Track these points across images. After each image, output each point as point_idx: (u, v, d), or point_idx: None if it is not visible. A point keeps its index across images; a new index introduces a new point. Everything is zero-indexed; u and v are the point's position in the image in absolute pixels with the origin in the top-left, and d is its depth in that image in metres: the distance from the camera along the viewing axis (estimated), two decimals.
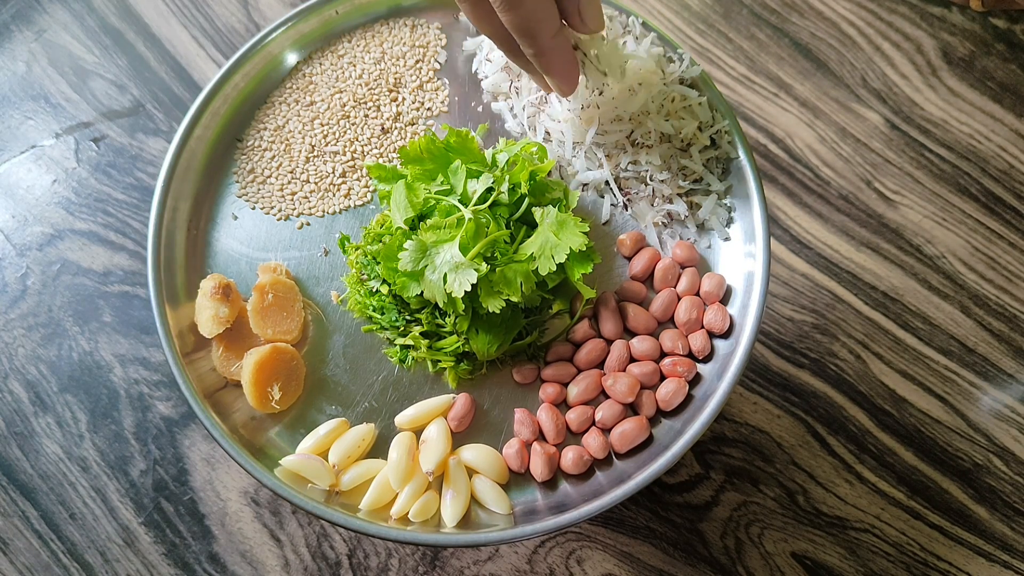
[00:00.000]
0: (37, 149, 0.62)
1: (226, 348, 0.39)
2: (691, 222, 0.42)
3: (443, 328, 0.40)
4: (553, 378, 0.40)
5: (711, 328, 0.39)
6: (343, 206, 0.44)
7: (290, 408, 0.40)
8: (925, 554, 0.52)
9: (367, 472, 0.38)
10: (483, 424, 0.40)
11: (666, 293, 0.40)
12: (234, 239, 0.43)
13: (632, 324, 0.40)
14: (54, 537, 0.52)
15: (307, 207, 0.44)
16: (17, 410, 0.55)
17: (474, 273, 0.36)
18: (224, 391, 0.39)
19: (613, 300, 0.40)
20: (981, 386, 0.56)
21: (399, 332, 0.41)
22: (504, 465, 0.38)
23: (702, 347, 0.38)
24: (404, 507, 0.37)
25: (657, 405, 0.39)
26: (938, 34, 0.65)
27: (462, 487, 0.38)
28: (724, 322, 0.38)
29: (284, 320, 0.40)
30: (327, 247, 0.43)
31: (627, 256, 0.42)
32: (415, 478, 0.37)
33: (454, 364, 0.40)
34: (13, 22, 0.66)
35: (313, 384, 0.40)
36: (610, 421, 0.38)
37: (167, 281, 0.41)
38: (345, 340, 0.41)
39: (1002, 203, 0.60)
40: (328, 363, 0.41)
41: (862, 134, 0.62)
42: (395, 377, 0.40)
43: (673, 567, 0.52)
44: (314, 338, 0.41)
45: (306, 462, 0.38)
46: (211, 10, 0.66)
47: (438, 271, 0.37)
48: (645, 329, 0.40)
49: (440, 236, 0.37)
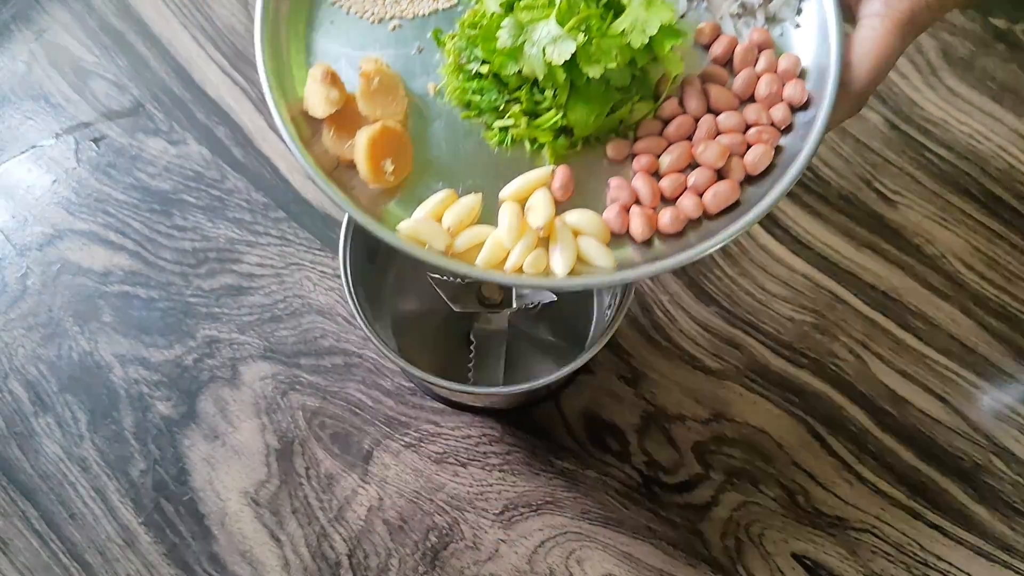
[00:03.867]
0: (37, 149, 0.62)
1: (337, 129, 0.41)
2: (761, 13, 0.43)
3: (541, 104, 0.41)
4: (645, 150, 0.41)
5: (791, 101, 0.40)
6: (432, 8, 0.46)
7: (401, 184, 0.41)
8: (925, 554, 0.52)
9: (479, 235, 0.40)
10: (579, 199, 0.41)
11: (746, 72, 0.42)
12: (333, 41, 0.44)
13: (715, 103, 0.42)
14: (54, 537, 0.52)
15: (398, 10, 0.46)
16: (17, 410, 0.55)
17: (572, 43, 0.38)
18: (337, 171, 0.41)
19: (697, 80, 0.42)
20: (981, 386, 0.56)
21: (498, 114, 0.42)
22: (605, 226, 0.40)
23: (783, 117, 0.40)
24: (517, 261, 0.39)
25: (745, 170, 0.40)
26: (938, 34, 0.65)
27: (569, 242, 0.40)
28: (803, 94, 0.40)
29: (391, 103, 0.42)
30: (421, 45, 0.44)
31: (705, 45, 0.43)
32: (526, 235, 0.39)
33: (552, 139, 0.41)
34: (13, 22, 0.66)
35: (418, 166, 0.42)
36: (703, 185, 0.40)
37: (276, 70, 0.42)
38: (444, 127, 0.43)
39: (1002, 203, 0.60)
40: (431, 148, 0.42)
41: (862, 134, 0.62)
42: (495, 159, 0.42)
43: (673, 567, 0.52)
44: (414, 128, 0.42)
45: (423, 224, 0.39)
46: (211, 10, 0.66)
47: (536, 45, 0.39)
48: (728, 106, 0.42)
49: (535, 15, 0.39)
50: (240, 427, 0.55)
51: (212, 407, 0.55)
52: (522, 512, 0.53)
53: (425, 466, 0.54)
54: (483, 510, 0.53)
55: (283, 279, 0.58)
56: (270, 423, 0.55)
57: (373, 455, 0.54)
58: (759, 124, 0.40)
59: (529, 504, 0.53)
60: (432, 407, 0.55)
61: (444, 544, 0.52)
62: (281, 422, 0.55)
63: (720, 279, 0.58)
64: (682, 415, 0.55)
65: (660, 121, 0.42)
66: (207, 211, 0.60)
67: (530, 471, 0.54)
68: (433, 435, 0.54)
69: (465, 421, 0.55)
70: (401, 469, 0.54)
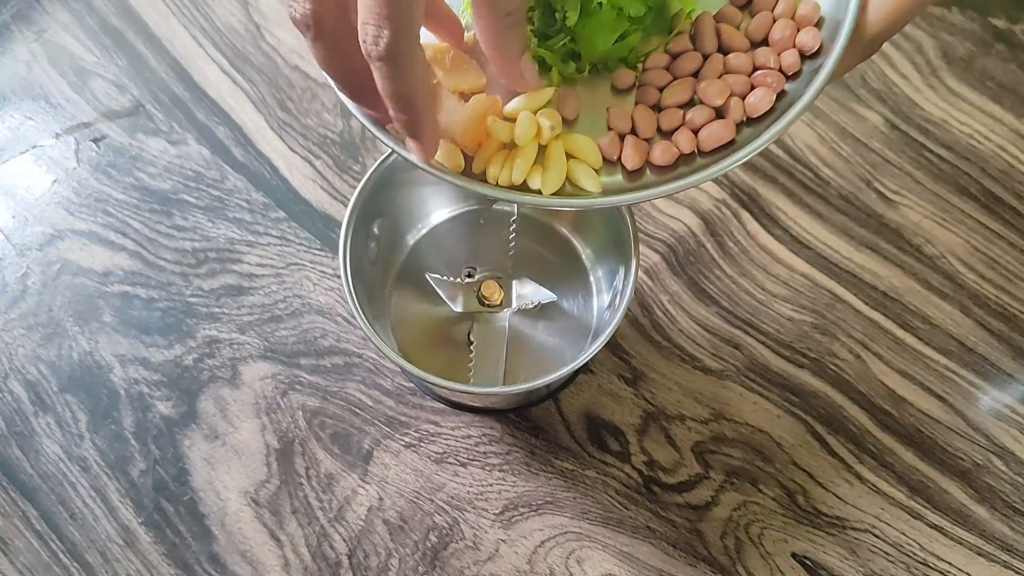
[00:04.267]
0: (37, 149, 0.62)
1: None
2: None
3: (552, 27, 0.41)
4: (649, 82, 0.41)
5: (802, 48, 0.40)
6: None
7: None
8: (925, 554, 0.52)
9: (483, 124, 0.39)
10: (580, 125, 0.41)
11: (763, 15, 0.41)
12: None
13: (726, 43, 0.41)
14: (54, 537, 0.52)
15: None
16: (17, 410, 0.55)
17: None
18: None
19: (711, 20, 0.41)
20: (981, 386, 0.56)
21: None
22: (598, 151, 0.40)
23: (792, 63, 0.40)
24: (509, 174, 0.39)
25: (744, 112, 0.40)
26: (937, 34, 0.65)
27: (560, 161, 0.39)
28: (815, 42, 0.39)
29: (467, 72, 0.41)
30: None
31: None
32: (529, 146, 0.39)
33: (560, 62, 0.41)
34: (13, 22, 0.66)
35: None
36: (700, 122, 0.40)
37: None
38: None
39: (1002, 203, 0.60)
40: None
41: (862, 134, 0.62)
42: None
43: (673, 567, 0.52)
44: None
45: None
46: (211, 10, 0.66)
47: None
48: (739, 47, 0.41)
49: None
50: (240, 427, 0.55)
51: (212, 407, 0.55)
52: (522, 512, 0.53)
53: (425, 466, 0.54)
54: (483, 510, 0.53)
55: (283, 279, 0.58)
56: (270, 423, 0.55)
57: (373, 455, 0.54)
58: (766, 68, 0.40)
59: (529, 504, 0.53)
60: (432, 407, 0.55)
61: (444, 544, 0.52)
62: (281, 422, 0.55)
63: (720, 279, 0.58)
64: (682, 415, 0.55)
65: (669, 56, 0.42)
66: (207, 211, 0.60)
67: (530, 471, 0.54)
68: (433, 435, 0.55)
69: (465, 421, 0.55)
70: (401, 469, 0.54)
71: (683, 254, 0.59)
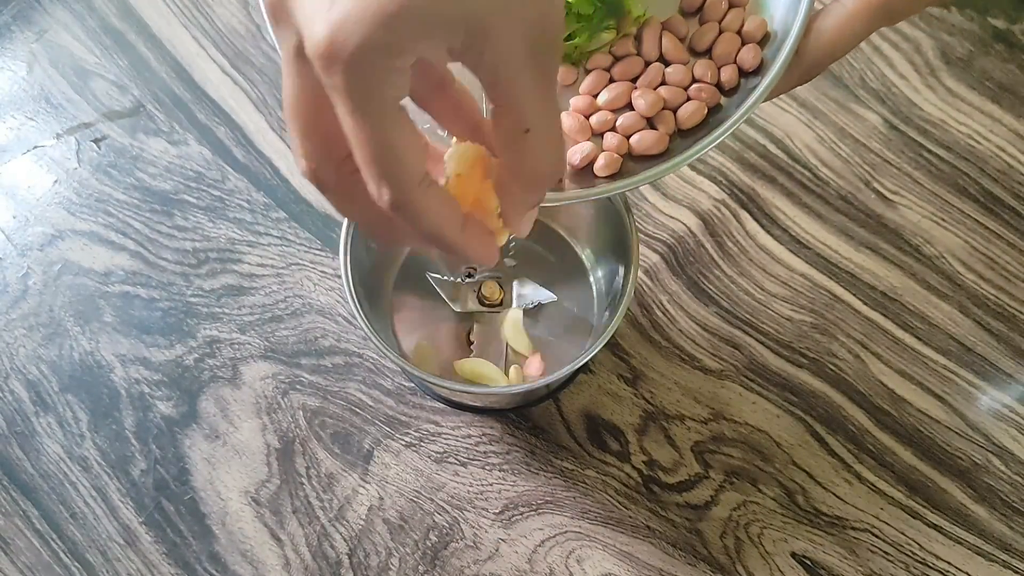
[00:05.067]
0: (38, 150, 0.62)
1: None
2: None
3: None
4: (589, 83, 0.42)
5: (742, 64, 0.40)
6: None
7: None
8: (924, 553, 0.52)
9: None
10: None
11: (709, 25, 0.42)
12: None
13: (667, 53, 0.42)
14: (55, 537, 0.53)
15: None
16: (18, 410, 0.55)
17: None
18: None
19: (659, 26, 0.42)
20: (980, 386, 0.56)
21: None
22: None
23: (729, 79, 0.40)
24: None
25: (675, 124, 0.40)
26: (936, 34, 0.65)
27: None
28: (755, 61, 0.40)
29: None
30: None
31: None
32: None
33: None
34: (14, 23, 0.66)
35: None
36: (629, 128, 0.40)
37: None
38: None
39: (1001, 203, 0.60)
40: None
41: (861, 134, 0.62)
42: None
43: (673, 567, 0.52)
44: None
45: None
46: (211, 10, 0.66)
47: None
48: (678, 59, 0.42)
49: None
50: (241, 427, 0.55)
51: (213, 407, 0.55)
52: (522, 511, 0.53)
53: (425, 465, 0.54)
54: (483, 509, 0.53)
55: (283, 279, 0.58)
56: (271, 423, 0.55)
57: (373, 455, 0.54)
58: (703, 82, 0.40)
59: (529, 503, 0.53)
60: (432, 407, 0.55)
61: (444, 543, 0.52)
62: (282, 422, 0.55)
63: (719, 279, 0.58)
64: (681, 415, 0.55)
65: (612, 57, 0.42)
66: (208, 211, 0.60)
67: (530, 471, 0.54)
68: (433, 435, 0.55)
69: (465, 421, 0.55)
70: (401, 469, 0.54)
71: (682, 254, 0.59)
